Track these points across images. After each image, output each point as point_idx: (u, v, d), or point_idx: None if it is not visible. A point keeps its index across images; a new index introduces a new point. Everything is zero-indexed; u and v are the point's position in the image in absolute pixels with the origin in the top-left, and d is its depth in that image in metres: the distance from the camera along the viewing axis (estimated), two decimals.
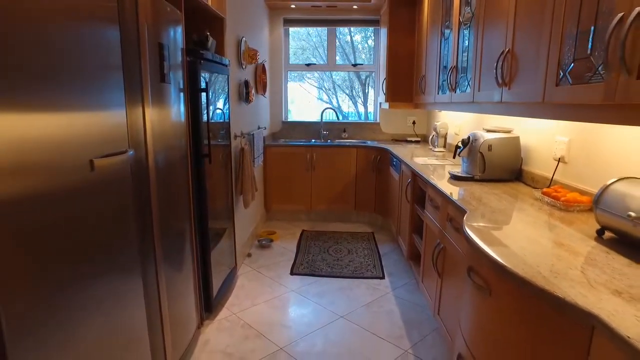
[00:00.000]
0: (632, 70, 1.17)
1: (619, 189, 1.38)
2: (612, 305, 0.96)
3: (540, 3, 1.72)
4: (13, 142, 0.97)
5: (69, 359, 1.18)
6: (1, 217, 0.94)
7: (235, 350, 2.32)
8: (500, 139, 2.43)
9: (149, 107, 1.67)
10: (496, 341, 1.30)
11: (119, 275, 1.46)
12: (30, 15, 1.01)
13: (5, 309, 0.96)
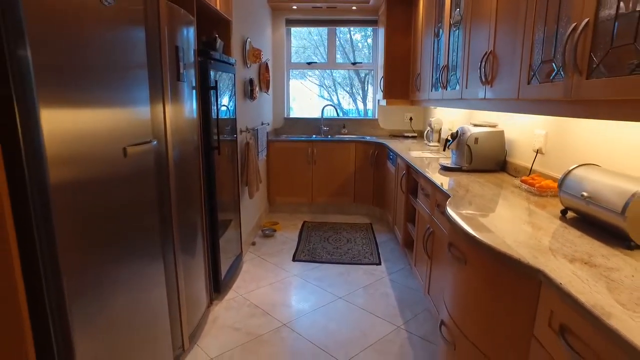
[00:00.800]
0: (583, 71, 1.38)
1: (578, 174, 1.59)
2: (556, 264, 1.17)
3: (515, 10, 1.93)
4: (68, 134, 1.18)
5: (104, 323, 1.40)
6: (62, 201, 1.16)
7: (242, 326, 2.54)
8: (485, 132, 2.64)
9: (168, 103, 1.88)
10: (469, 303, 1.52)
11: (145, 259, 1.68)
12: (79, 18, 1.22)
13: (67, 275, 1.18)
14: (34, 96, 1.06)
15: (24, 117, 1.06)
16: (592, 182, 1.48)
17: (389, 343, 2.38)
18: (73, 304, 1.22)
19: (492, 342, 1.39)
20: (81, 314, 1.26)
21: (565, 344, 1.02)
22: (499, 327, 1.35)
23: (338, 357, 2.24)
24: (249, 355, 2.26)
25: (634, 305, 0.93)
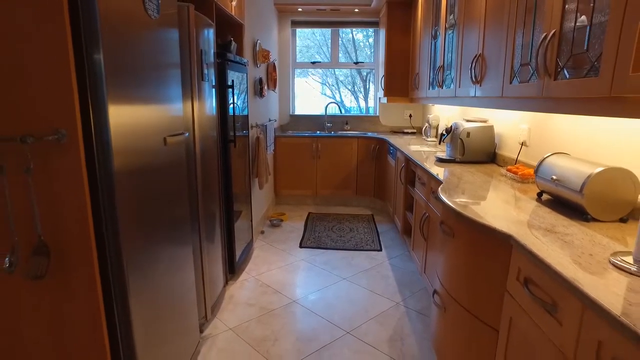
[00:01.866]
0: (551, 74, 1.64)
1: (550, 161, 1.86)
2: (524, 232, 1.44)
3: (500, 18, 2.19)
4: (126, 127, 1.45)
5: (150, 294, 1.67)
6: (121, 187, 1.42)
7: (255, 302, 2.82)
8: (476, 127, 2.90)
9: (195, 100, 2.15)
10: (456, 270, 1.79)
11: (178, 245, 1.94)
12: (134, 28, 1.49)
13: (126, 252, 1.45)
14: (104, 94, 1.32)
15: (96, 113, 1.33)
16: (560, 168, 1.75)
17: (388, 316, 2.65)
18: (130, 275, 1.48)
19: (474, 300, 1.66)
20: (135, 286, 1.52)
21: (528, 292, 1.29)
22: (480, 287, 1.62)
23: (343, 327, 2.52)
24: (263, 326, 2.53)
25: (577, 258, 1.20)
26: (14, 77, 1.22)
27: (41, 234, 1.30)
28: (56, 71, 1.22)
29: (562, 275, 1.09)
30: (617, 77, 1.26)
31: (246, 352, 2.26)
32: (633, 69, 1.20)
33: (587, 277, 1.07)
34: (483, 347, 1.62)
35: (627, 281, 1.06)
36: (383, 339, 2.40)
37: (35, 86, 1.23)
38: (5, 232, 1.29)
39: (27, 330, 1.41)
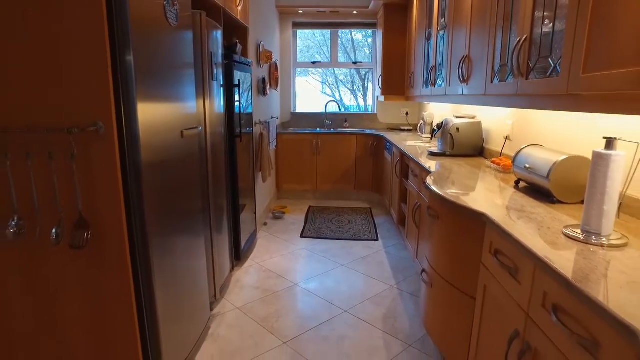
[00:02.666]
0: (524, 74, 1.86)
1: (525, 152, 2.08)
2: (497, 211, 1.66)
3: (483, 23, 2.41)
4: (150, 122, 1.67)
5: (170, 276, 1.89)
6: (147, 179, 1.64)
7: (260, 285, 3.04)
8: (465, 123, 3.12)
9: (207, 98, 2.38)
10: (441, 248, 2.01)
11: (192, 235, 2.15)
12: (156, 34, 1.71)
13: (154, 233, 1.67)
14: (134, 91, 1.55)
15: (127, 108, 1.55)
16: (533, 157, 1.97)
17: (383, 297, 2.87)
18: (153, 255, 1.70)
19: (455, 274, 1.88)
20: (157, 263, 1.73)
21: (497, 261, 1.51)
22: (460, 262, 1.84)
23: (341, 307, 2.74)
24: (267, 305, 2.75)
25: (537, 231, 1.42)
26: (62, 78, 1.44)
27: (82, 211, 1.52)
28: (96, 73, 1.44)
29: (521, 243, 1.32)
30: (572, 78, 1.48)
31: (252, 327, 2.49)
32: (583, 70, 1.42)
33: (540, 243, 1.29)
34: (463, 314, 1.84)
35: (572, 246, 1.28)
36: (378, 316, 2.63)
37: (80, 86, 1.45)
38: (52, 209, 1.52)
39: (67, 293, 1.63)
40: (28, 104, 1.46)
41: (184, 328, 2.05)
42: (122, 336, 1.68)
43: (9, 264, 1.60)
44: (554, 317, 1.11)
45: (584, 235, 1.34)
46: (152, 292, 1.73)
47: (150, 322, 1.76)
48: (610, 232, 1.31)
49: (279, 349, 2.29)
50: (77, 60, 1.43)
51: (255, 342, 2.35)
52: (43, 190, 1.52)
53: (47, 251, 1.58)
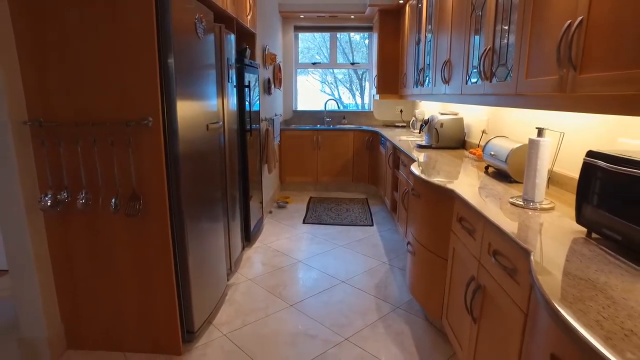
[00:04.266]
0: (488, 77, 2.28)
1: (492, 142, 2.49)
2: (465, 189, 2.08)
3: (459, 31, 2.82)
4: (185, 118, 2.08)
5: (199, 252, 2.30)
6: (187, 167, 2.05)
7: (268, 262, 3.46)
8: (449, 119, 3.53)
9: (225, 97, 2.79)
10: (422, 222, 2.42)
11: (213, 221, 2.56)
12: (190, 41, 2.12)
13: (187, 214, 2.08)
14: (175, 92, 1.96)
15: (169, 107, 1.96)
16: (497, 146, 2.38)
17: (376, 271, 3.29)
18: (187, 228, 2.11)
19: (432, 241, 2.30)
20: (190, 238, 2.15)
21: (461, 226, 1.92)
22: (436, 231, 2.26)
23: (339, 278, 3.16)
24: (275, 277, 3.17)
25: (490, 201, 1.84)
26: (123, 83, 1.86)
27: (134, 187, 1.93)
28: (148, 79, 1.85)
29: (475, 209, 1.73)
30: (519, 81, 1.90)
31: (262, 294, 2.91)
32: (526, 76, 1.83)
33: (490, 209, 1.71)
34: (439, 274, 2.26)
35: (513, 210, 1.70)
36: (371, 285, 3.04)
37: (135, 88, 1.86)
38: (112, 185, 1.93)
39: (121, 249, 2.05)
40: (96, 104, 1.88)
41: (207, 291, 2.46)
42: (163, 286, 2.10)
43: (78, 227, 2.02)
44: (494, 259, 1.53)
45: (524, 202, 1.75)
46: (186, 255, 2.15)
47: (183, 279, 2.18)
48: (542, 199, 1.73)
49: (286, 310, 2.70)
50: (134, 68, 1.85)
51: (265, 305, 2.77)
52: (105, 170, 1.93)
53: (107, 218, 2.00)
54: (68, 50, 1.84)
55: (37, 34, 1.84)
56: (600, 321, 0.86)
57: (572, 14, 1.47)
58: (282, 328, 2.49)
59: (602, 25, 1.32)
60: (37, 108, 1.90)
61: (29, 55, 1.85)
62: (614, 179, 1.21)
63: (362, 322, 2.56)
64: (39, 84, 1.88)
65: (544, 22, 1.69)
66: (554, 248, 1.28)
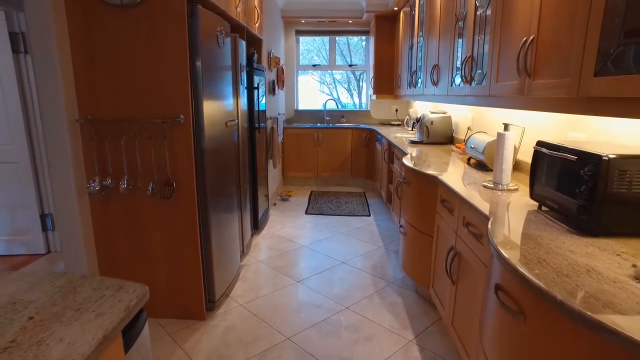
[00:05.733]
0: (469, 81, 2.65)
1: (473, 137, 2.86)
2: (448, 176, 2.45)
3: (446, 39, 3.19)
4: (209, 116, 2.44)
5: (219, 236, 2.66)
6: (211, 160, 2.41)
7: (275, 246, 3.82)
8: (438, 117, 3.91)
9: (238, 97, 3.15)
10: (411, 206, 2.80)
11: (229, 211, 2.92)
12: (212, 50, 2.48)
13: (211, 202, 2.44)
14: (202, 92, 2.32)
15: (196, 105, 2.32)
16: (477, 140, 2.76)
17: (372, 254, 3.66)
18: (210, 214, 2.48)
19: (421, 222, 2.67)
20: (214, 228, 2.52)
21: (442, 205, 2.30)
22: (424, 212, 2.63)
23: (339, 260, 3.53)
24: (282, 259, 3.53)
25: (467, 184, 2.21)
26: (161, 85, 2.22)
27: (169, 174, 2.30)
28: (180, 81, 2.22)
29: (453, 190, 2.10)
30: (492, 84, 2.27)
31: (271, 273, 3.27)
32: (496, 81, 2.20)
33: (465, 190, 2.08)
34: (426, 249, 2.63)
35: (484, 191, 2.07)
36: (368, 266, 3.42)
37: (170, 89, 2.23)
38: (149, 172, 2.30)
39: (155, 230, 2.42)
40: (137, 103, 2.24)
41: (225, 267, 2.83)
42: (190, 261, 2.46)
43: (119, 208, 2.39)
44: (466, 229, 1.90)
45: (493, 185, 2.13)
46: (209, 235, 2.52)
47: (206, 256, 2.54)
48: (509, 182, 2.11)
49: (293, 285, 3.07)
50: (169, 72, 2.21)
51: (274, 281, 3.14)
52: (143, 160, 2.30)
53: (144, 201, 2.36)
54: (113, 57, 2.21)
55: (88, 44, 2.20)
56: (526, 255, 1.23)
57: (527, 32, 1.85)
58: (291, 299, 2.86)
59: (545, 43, 1.69)
60: (87, 108, 2.26)
61: (81, 63, 2.22)
62: (553, 162, 1.59)
63: (360, 294, 2.93)
64: (88, 87, 2.24)
65: (509, 37, 2.06)
66: (509, 217, 1.65)
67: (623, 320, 0.87)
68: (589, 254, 1.23)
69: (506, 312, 1.24)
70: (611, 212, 1.33)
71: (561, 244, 1.32)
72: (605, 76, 1.31)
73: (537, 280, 1.07)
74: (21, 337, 0.82)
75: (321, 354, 2.26)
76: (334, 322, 2.58)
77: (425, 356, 2.25)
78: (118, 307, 0.95)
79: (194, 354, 2.25)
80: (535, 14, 1.78)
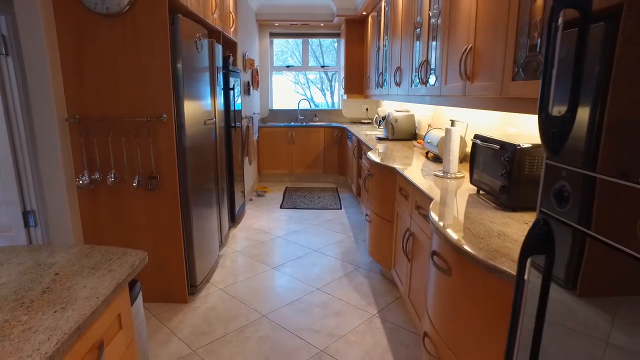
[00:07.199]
0: (424, 83, 2.96)
1: (430, 133, 3.18)
2: (408, 168, 2.75)
3: (406, 42, 3.51)
4: (189, 115, 2.67)
5: (200, 230, 2.89)
6: (191, 156, 2.65)
7: (251, 238, 4.07)
8: (402, 115, 4.22)
9: (215, 98, 3.38)
10: (375, 195, 3.09)
11: (209, 206, 3.16)
12: (191, 54, 2.71)
13: (192, 197, 2.67)
14: (183, 93, 2.55)
15: (178, 106, 2.54)
16: (432, 136, 3.07)
17: (343, 242, 3.95)
18: (191, 206, 2.71)
19: (382, 209, 2.97)
20: (195, 220, 2.74)
21: (400, 193, 2.59)
22: (386, 200, 2.92)
23: (313, 248, 3.80)
24: (258, 249, 3.78)
25: (421, 175, 2.51)
26: (146, 87, 2.44)
27: (153, 169, 2.52)
28: (164, 83, 2.44)
29: (409, 180, 2.40)
30: (442, 86, 2.58)
31: (248, 261, 3.52)
32: (445, 82, 2.51)
33: (418, 178, 2.38)
34: (388, 234, 2.93)
35: (435, 179, 2.38)
36: (338, 253, 3.70)
37: (155, 90, 2.45)
38: (135, 167, 2.51)
39: (141, 218, 2.63)
40: (125, 103, 2.46)
41: (205, 255, 3.06)
42: (174, 249, 2.69)
43: (108, 200, 2.60)
44: (417, 212, 2.20)
45: (443, 174, 2.44)
46: (190, 225, 2.75)
47: (188, 244, 2.77)
48: (456, 171, 2.42)
49: (269, 271, 3.33)
50: (153, 76, 2.43)
51: (251, 268, 3.39)
52: (130, 155, 2.51)
53: (131, 193, 2.57)
54: (101, 61, 2.42)
55: (77, 49, 2.40)
56: (454, 225, 1.53)
57: (467, 41, 2.16)
58: (267, 283, 3.12)
59: (479, 52, 2.01)
60: (76, 108, 2.46)
61: (70, 66, 2.41)
62: (484, 151, 1.90)
63: (330, 277, 3.21)
64: (77, 89, 2.44)
65: (455, 44, 2.38)
66: (450, 199, 1.96)
67: (511, 265, 1.17)
68: (504, 223, 1.54)
69: (439, 271, 1.54)
70: (524, 191, 1.65)
71: (485, 217, 1.63)
72: (518, 81, 1.62)
73: (458, 241, 1.36)
74: (53, 285, 1.06)
75: (294, 327, 2.53)
76: (306, 301, 2.85)
77: (386, 327, 2.54)
78: (125, 265, 1.19)
79: (178, 331, 2.49)
80: (472, 26, 2.09)
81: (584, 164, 0.80)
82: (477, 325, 1.31)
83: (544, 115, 0.87)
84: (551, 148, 0.88)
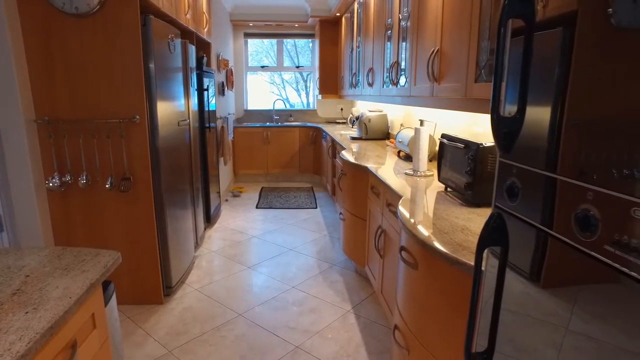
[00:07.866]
0: (395, 84, 3.03)
1: (401, 132, 3.26)
2: (380, 167, 2.81)
3: (378, 45, 3.58)
4: (163, 116, 2.67)
5: (174, 229, 2.89)
6: (165, 157, 2.64)
7: (227, 238, 4.07)
8: (375, 115, 4.30)
9: (189, 99, 3.38)
10: (348, 194, 3.15)
11: (183, 207, 3.16)
12: (164, 55, 2.71)
13: (166, 198, 2.67)
14: (155, 94, 2.54)
15: (151, 107, 2.54)
16: (404, 135, 3.15)
17: (318, 241, 4.00)
18: (165, 207, 2.70)
19: (356, 208, 3.03)
20: (169, 220, 2.74)
21: (372, 191, 2.66)
22: (359, 199, 2.99)
23: (288, 247, 3.83)
24: (233, 249, 3.79)
25: (392, 173, 2.58)
26: (117, 89, 2.43)
27: (126, 170, 2.51)
28: (136, 85, 2.44)
29: (380, 178, 2.47)
30: (411, 87, 2.65)
31: (223, 261, 3.53)
32: (414, 84, 2.59)
33: (389, 177, 2.45)
34: (361, 232, 2.99)
35: (405, 177, 2.45)
36: (313, 251, 3.74)
37: (127, 91, 2.44)
38: (107, 168, 2.50)
39: (114, 220, 2.61)
40: (95, 104, 2.44)
41: (180, 256, 3.06)
42: (148, 250, 2.68)
43: (80, 202, 2.57)
44: (388, 209, 2.27)
45: (413, 172, 2.51)
46: (165, 226, 2.74)
47: (163, 245, 2.77)
48: (425, 169, 2.50)
49: (245, 271, 3.34)
50: (125, 77, 2.42)
51: (227, 268, 3.40)
52: (102, 157, 2.50)
53: (103, 195, 2.55)
54: (71, 62, 2.39)
55: (45, 49, 2.37)
56: (421, 221, 1.59)
57: (434, 44, 2.24)
58: (242, 282, 3.14)
59: (446, 54, 2.08)
60: (45, 108, 2.43)
61: (37, 65, 2.38)
62: (450, 149, 1.97)
63: (306, 276, 3.25)
64: (46, 90, 2.41)
65: (423, 47, 2.45)
66: (419, 196, 2.03)
67: (472, 257, 1.23)
68: (468, 219, 1.62)
69: (406, 265, 1.60)
70: (487, 187, 1.73)
71: (451, 213, 1.70)
72: (481, 83, 1.70)
73: (423, 236, 1.43)
74: (24, 287, 1.07)
75: (270, 325, 2.56)
76: (282, 299, 2.89)
77: (360, 322, 2.60)
78: (98, 266, 1.21)
79: (153, 332, 2.48)
80: (438, 29, 2.17)
81: (530, 161, 0.86)
82: (443, 316, 1.38)
83: (495, 116, 0.93)
84: (503, 146, 0.94)
